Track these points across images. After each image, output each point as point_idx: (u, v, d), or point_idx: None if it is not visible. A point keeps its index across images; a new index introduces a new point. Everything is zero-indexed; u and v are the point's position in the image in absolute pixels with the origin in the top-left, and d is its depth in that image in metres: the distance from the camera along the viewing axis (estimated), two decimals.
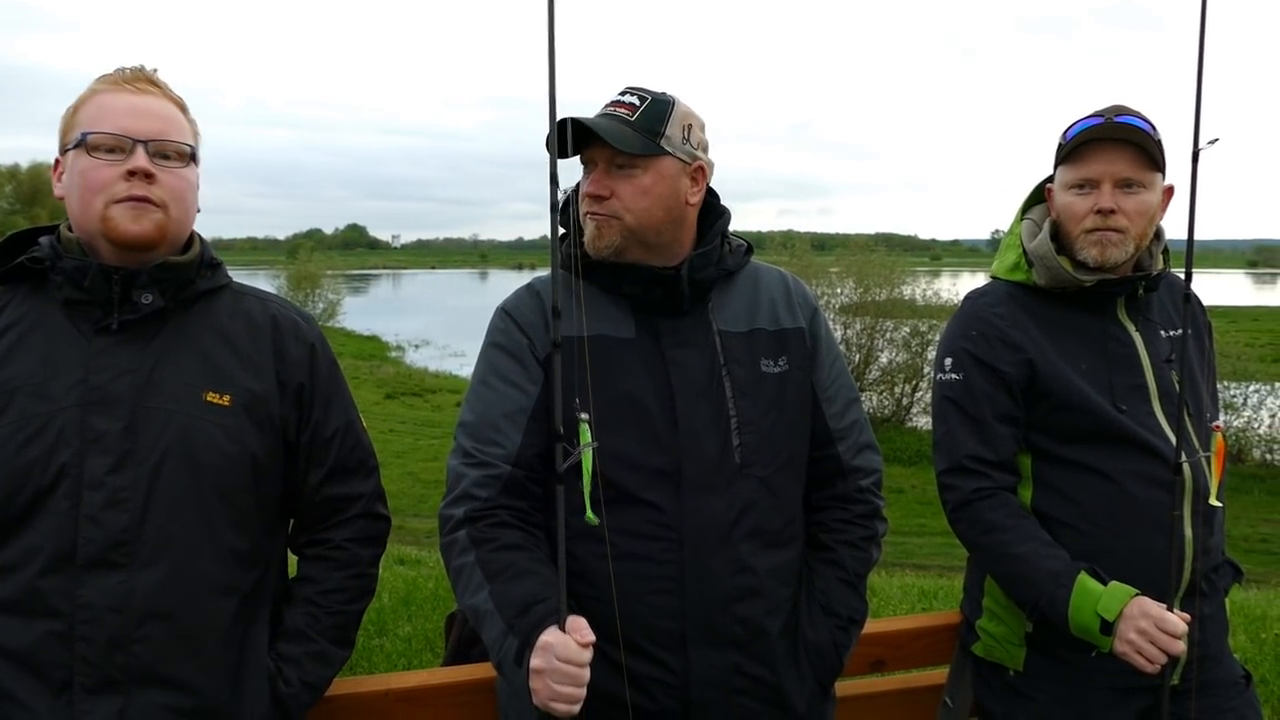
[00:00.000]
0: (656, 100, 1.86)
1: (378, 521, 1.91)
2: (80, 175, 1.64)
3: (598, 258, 1.86)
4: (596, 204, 1.84)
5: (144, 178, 1.65)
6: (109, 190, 1.64)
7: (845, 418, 1.99)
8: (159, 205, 1.67)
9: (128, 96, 1.68)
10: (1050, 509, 2.10)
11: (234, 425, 1.71)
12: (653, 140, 1.82)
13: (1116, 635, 1.90)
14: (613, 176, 1.84)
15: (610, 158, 1.83)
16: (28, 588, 1.58)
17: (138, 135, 1.66)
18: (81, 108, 1.68)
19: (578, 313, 1.85)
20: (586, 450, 1.61)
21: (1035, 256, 2.13)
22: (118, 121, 1.65)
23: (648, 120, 1.83)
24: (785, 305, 1.97)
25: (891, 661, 2.39)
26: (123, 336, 1.67)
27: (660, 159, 1.84)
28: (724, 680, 1.81)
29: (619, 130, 1.81)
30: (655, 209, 1.84)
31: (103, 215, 1.64)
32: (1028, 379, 2.10)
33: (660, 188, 1.84)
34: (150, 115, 1.68)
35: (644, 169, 1.83)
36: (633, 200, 1.83)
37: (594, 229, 1.85)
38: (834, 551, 1.95)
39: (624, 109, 1.85)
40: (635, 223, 1.84)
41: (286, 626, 1.80)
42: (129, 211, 1.64)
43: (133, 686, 1.61)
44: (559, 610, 1.60)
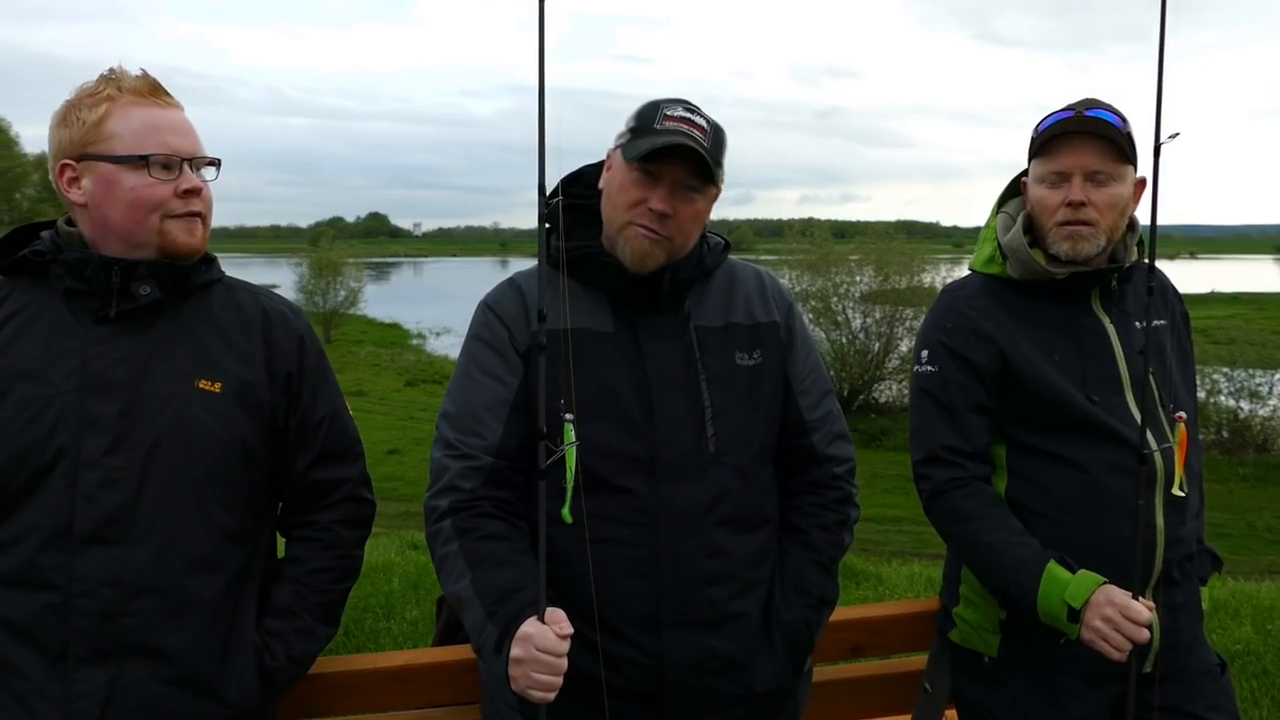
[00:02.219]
0: (717, 128, 1.91)
1: (363, 505, 1.98)
2: (131, 192, 1.72)
3: (635, 270, 1.90)
4: (659, 221, 1.86)
5: (194, 194, 1.77)
6: (165, 207, 1.74)
7: (819, 409, 2.05)
8: (202, 217, 1.79)
9: (160, 111, 1.77)
10: (1023, 498, 2.14)
11: (224, 411, 1.78)
12: (718, 170, 1.90)
13: (1083, 623, 1.94)
14: (677, 198, 1.88)
15: (682, 178, 1.87)
16: (26, 562, 1.67)
17: (183, 153, 1.76)
18: (111, 119, 1.73)
19: (563, 309, 1.91)
20: (570, 449, 1.67)
21: (1008, 250, 2.17)
22: (166, 140, 1.75)
23: (715, 149, 1.89)
24: (760, 300, 2.03)
25: (871, 647, 2.44)
26: (120, 326, 1.75)
27: (713, 187, 1.92)
28: (698, 662, 1.87)
29: (711, 166, 1.87)
30: (696, 231, 1.94)
31: (159, 229, 1.74)
32: (1000, 370, 2.14)
33: (707, 214, 1.95)
34: (186, 131, 1.79)
35: (703, 195, 1.91)
36: (689, 224, 1.91)
37: (647, 248, 1.87)
38: (807, 534, 2.00)
39: (699, 131, 1.87)
40: (681, 245, 1.92)
41: (274, 603, 1.87)
42: (184, 225, 1.76)
43: (124, 657, 1.69)
44: (538, 600, 1.67)
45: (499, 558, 1.79)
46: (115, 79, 1.75)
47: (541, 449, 1.67)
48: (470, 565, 1.79)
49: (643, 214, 1.87)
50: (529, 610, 1.67)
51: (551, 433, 1.69)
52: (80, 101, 1.74)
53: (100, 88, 1.74)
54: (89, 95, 1.74)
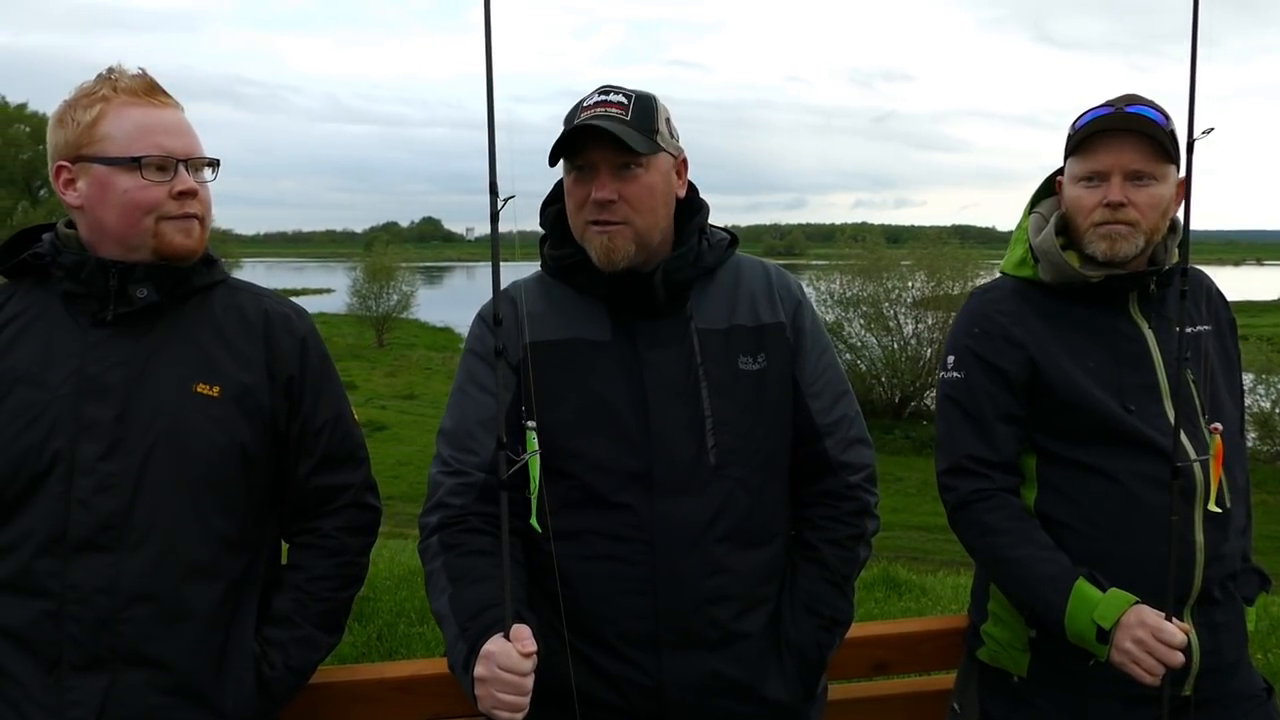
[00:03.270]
0: (641, 96, 1.84)
1: (367, 511, 1.94)
2: (125, 194, 1.70)
3: (612, 271, 1.82)
4: (604, 210, 1.79)
5: (190, 196, 1.73)
6: (160, 209, 1.71)
7: (833, 412, 1.96)
8: (199, 219, 1.76)
9: (154, 112, 1.73)
10: (1053, 511, 2.05)
11: (223, 416, 1.75)
12: (651, 138, 1.81)
13: (1113, 644, 1.85)
14: (618, 179, 1.80)
15: (612, 160, 1.79)
16: (22, 569, 1.65)
17: (178, 154, 1.73)
18: (105, 120, 1.70)
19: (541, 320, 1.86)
20: (533, 458, 1.62)
21: (1040, 252, 2.08)
22: (160, 141, 1.71)
23: (642, 118, 1.81)
24: (765, 299, 1.94)
25: (896, 664, 2.36)
26: (118, 329, 1.73)
27: (658, 156, 1.83)
28: (700, 683, 1.80)
29: (628, 132, 1.78)
30: (659, 208, 1.84)
31: (154, 231, 1.71)
32: (1030, 377, 2.05)
33: (662, 185, 1.84)
34: (181, 132, 1.75)
35: (646, 168, 1.81)
36: (640, 201, 1.81)
37: (605, 242, 1.80)
38: (818, 550, 1.92)
39: (615, 108, 1.81)
40: (644, 225, 1.82)
41: (274, 611, 1.84)
42: (180, 227, 1.73)
43: (119, 665, 1.66)
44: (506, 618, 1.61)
45: (479, 574, 1.75)
46: (111, 79, 1.73)
47: (501, 459, 1.61)
48: (451, 581, 1.75)
49: (590, 209, 1.81)
50: (498, 627, 1.61)
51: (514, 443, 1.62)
52: (76, 102, 1.72)
53: (96, 88, 1.72)
54: (85, 96, 1.72)
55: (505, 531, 1.63)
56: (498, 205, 1.65)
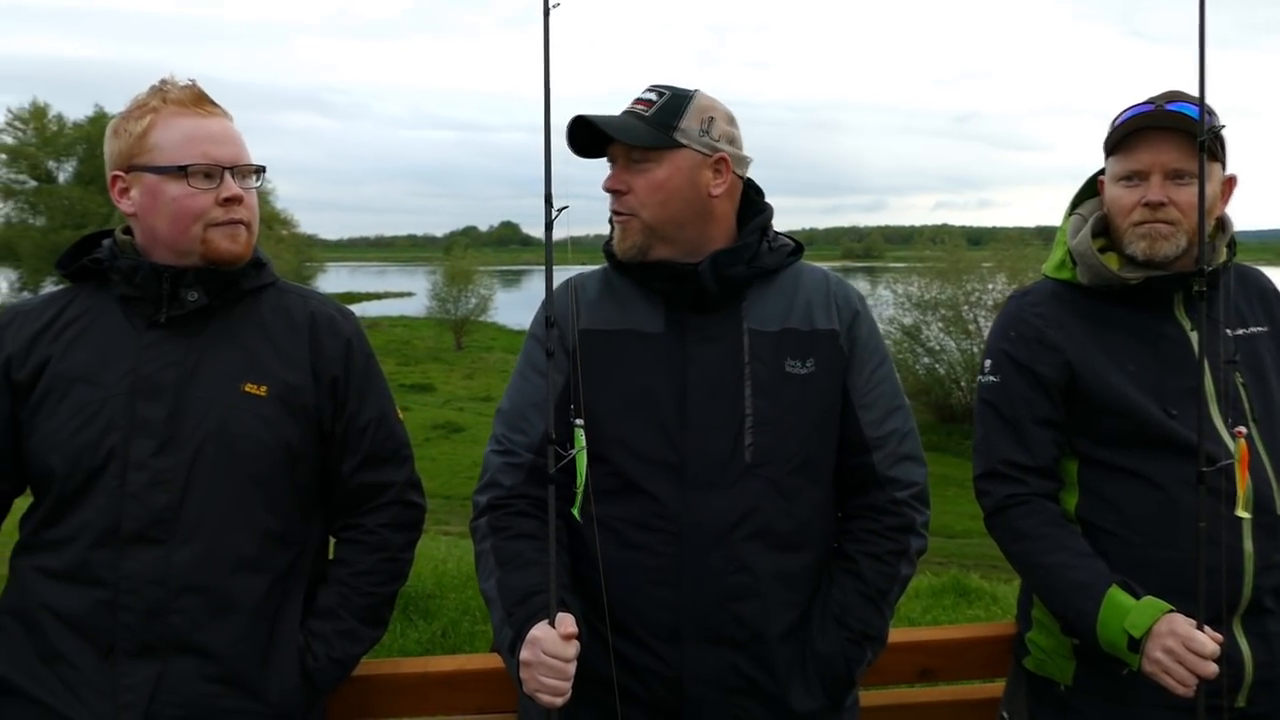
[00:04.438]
0: (675, 94, 1.88)
1: (410, 509, 1.99)
2: (174, 201, 1.77)
3: (625, 259, 1.89)
4: (616, 200, 1.88)
5: (236, 202, 1.79)
6: (207, 216, 1.78)
7: (883, 426, 1.94)
8: (246, 224, 1.82)
9: (201, 121, 1.80)
10: (1094, 516, 2.01)
11: (270, 415, 1.82)
12: (665, 133, 1.84)
13: (1144, 653, 1.81)
14: (629, 171, 1.86)
15: (627, 153, 1.86)
16: (79, 559, 1.74)
17: (224, 162, 1.79)
18: (154, 131, 1.78)
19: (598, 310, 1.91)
20: (580, 454, 1.66)
21: (1076, 254, 2.04)
22: (206, 150, 1.78)
23: (663, 114, 1.85)
24: (822, 306, 1.94)
25: (942, 671, 2.32)
26: (171, 331, 1.80)
27: (675, 152, 1.85)
28: (719, 678, 1.81)
29: (629, 125, 1.84)
30: (672, 202, 1.85)
31: (203, 238, 1.78)
32: (1067, 381, 2.01)
33: (675, 181, 1.85)
34: (228, 140, 1.81)
35: (658, 163, 1.85)
36: (647, 194, 1.85)
37: (618, 232, 1.90)
38: (855, 563, 1.90)
39: (641, 105, 1.88)
40: (652, 218, 1.86)
41: (319, 605, 1.90)
42: (227, 233, 1.80)
43: (170, 653, 1.74)
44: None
45: (526, 558, 1.79)
46: (162, 90, 1.80)
47: (550, 453, 1.67)
48: (499, 564, 1.80)
49: (611, 200, 1.88)
50: (543, 613, 1.66)
51: (562, 437, 1.67)
52: (129, 114, 1.79)
53: (147, 100, 1.80)
54: (136, 108, 1.79)
55: (552, 523, 1.67)
56: (552, 214, 1.70)
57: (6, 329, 1.83)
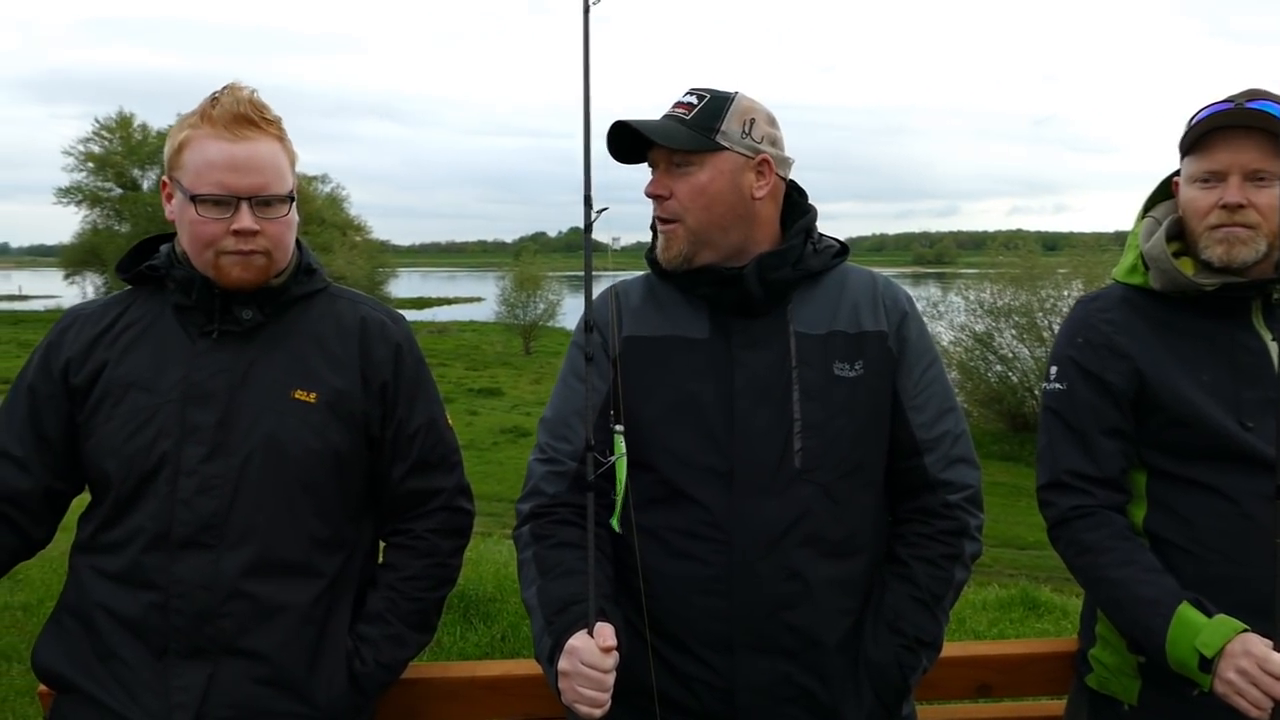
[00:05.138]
0: (715, 97, 1.85)
1: (459, 515, 1.99)
2: (190, 225, 1.77)
3: (670, 269, 1.88)
4: (658, 206, 1.86)
5: (249, 234, 1.76)
6: (218, 244, 1.76)
7: (935, 428, 1.90)
8: (263, 253, 1.79)
9: (228, 146, 1.74)
10: (1163, 531, 1.93)
11: (319, 421, 1.83)
12: (706, 136, 1.81)
13: (1216, 674, 1.73)
14: (671, 176, 1.85)
15: (668, 158, 1.84)
16: (133, 563, 1.77)
17: (241, 192, 1.74)
18: (186, 149, 1.77)
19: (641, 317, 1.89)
20: (620, 461, 1.64)
21: (1149, 258, 1.97)
22: (221, 180, 1.73)
23: (703, 117, 1.83)
24: (869, 308, 1.90)
25: (1000, 687, 2.26)
26: (223, 338, 1.83)
27: (717, 155, 1.82)
28: (771, 688, 1.78)
29: (669, 129, 1.82)
30: (715, 206, 1.83)
31: (214, 264, 1.78)
32: (1137, 390, 1.94)
33: (718, 184, 1.83)
34: (251, 169, 1.75)
35: (700, 166, 1.82)
36: (690, 199, 1.83)
37: (663, 240, 1.88)
38: (908, 567, 1.87)
39: (682, 108, 1.85)
40: (695, 223, 1.84)
41: (367, 609, 1.91)
42: (237, 261, 1.77)
43: (220, 655, 1.76)
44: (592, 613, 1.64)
45: (567, 566, 1.78)
46: (211, 106, 1.77)
47: (590, 460, 1.65)
48: (540, 573, 1.80)
49: (655, 206, 1.86)
50: (582, 623, 1.64)
51: (602, 444, 1.66)
52: (180, 122, 1.81)
53: (193, 113, 1.78)
54: (183, 119, 1.80)
55: (591, 531, 1.66)
56: (592, 216, 1.69)
57: (66, 332, 1.87)
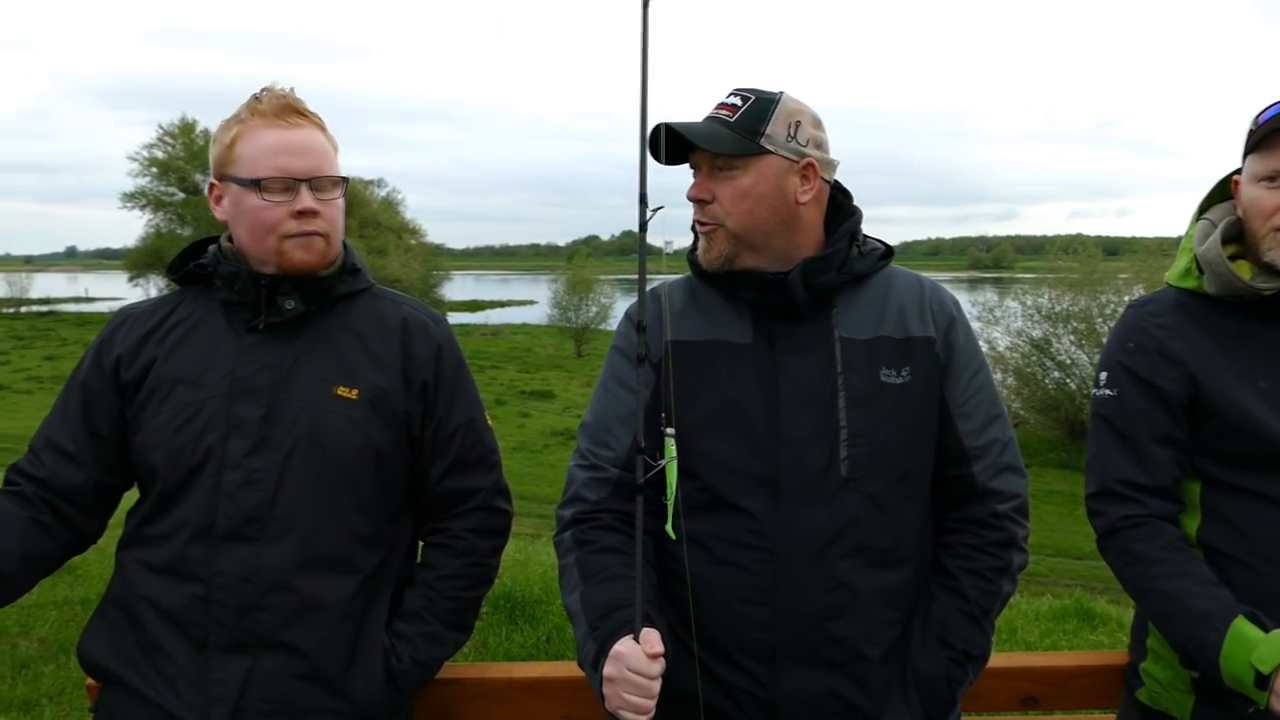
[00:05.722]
0: (760, 99, 1.82)
1: (497, 515, 1.99)
2: (252, 213, 1.81)
3: (710, 270, 1.86)
4: (700, 210, 1.84)
5: (310, 215, 1.82)
6: (281, 228, 1.81)
7: (983, 435, 1.86)
8: (322, 235, 1.84)
9: (283, 133, 1.81)
10: (1218, 542, 1.87)
11: (360, 418, 1.85)
12: (751, 140, 1.79)
13: (1272, 690, 1.67)
14: (714, 180, 1.82)
15: (711, 161, 1.82)
16: (177, 555, 1.80)
17: (300, 175, 1.81)
18: (239, 143, 1.82)
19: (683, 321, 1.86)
20: (671, 464, 1.63)
21: (1204, 262, 1.91)
22: (281, 163, 1.80)
23: (748, 120, 1.80)
24: (916, 312, 1.87)
25: (1046, 700, 2.21)
26: (268, 335, 1.85)
27: (761, 159, 1.79)
28: (815, 702, 1.75)
29: (713, 132, 1.79)
30: (758, 210, 1.80)
31: (277, 249, 1.82)
32: (1190, 397, 1.88)
33: (762, 188, 1.80)
34: (306, 152, 1.82)
35: (744, 170, 1.80)
36: (732, 203, 1.80)
37: (704, 243, 1.86)
38: (957, 580, 1.83)
39: (725, 110, 1.82)
40: (738, 226, 1.81)
41: (405, 607, 1.92)
42: (300, 244, 1.82)
43: (259, 649, 1.78)
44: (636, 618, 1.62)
45: (610, 572, 1.76)
46: (255, 102, 1.84)
47: (639, 463, 1.63)
48: (583, 578, 1.78)
49: (695, 210, 1.83)
50: (627, 628, 1.62)
51: (653, 447, 1.64)
52: (224, 124, 1.85)
53: (240, 110, 1.85)
54: (230, 118, 1.85)
55: (639, 534, 1.65)
56: (646, 215, 1.68)
57: (118, 330, 1.92)
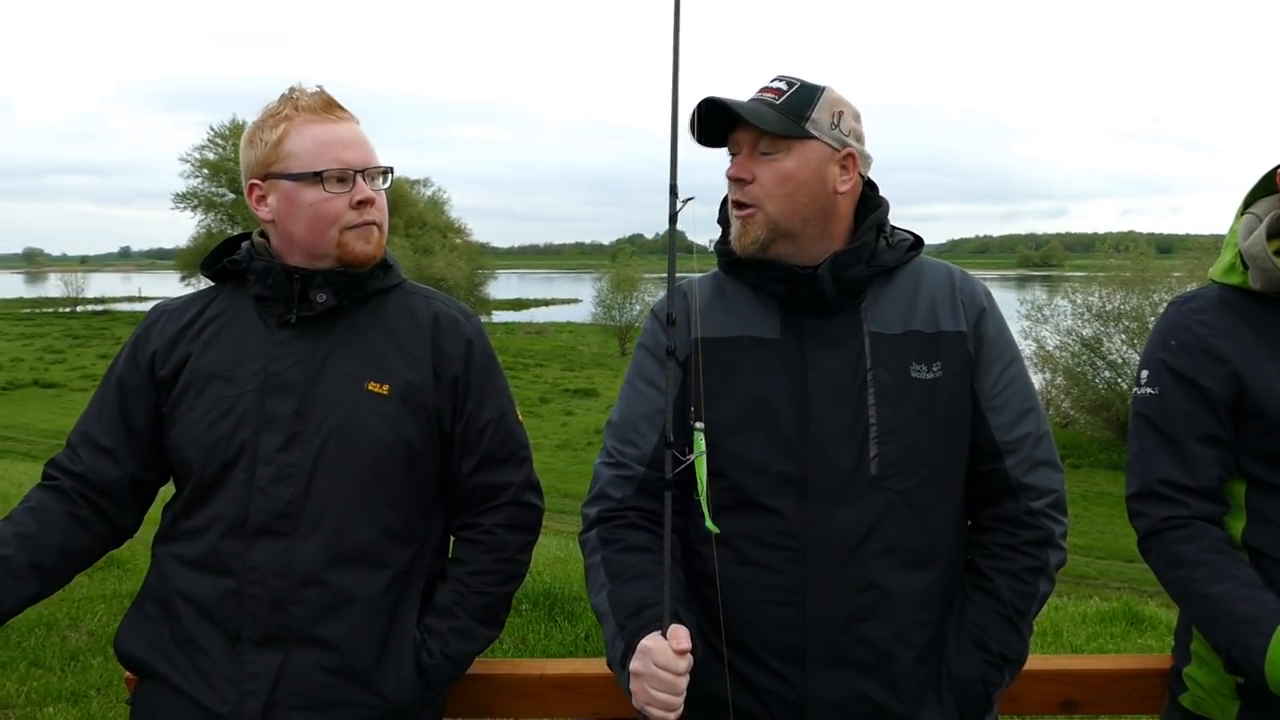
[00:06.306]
0: (805, 86, 1.80)
1: (527, 510, 1.99)
2: (311, 207, 1.82)
3: (744, 255, 1.82)
4: (738, 189, 1.80)
5: (368, 204, 1.84)
6: (342, 219, 1.83)
7: (1016, 429, 1.82)
8: (378, 225, 1.87)
9: (332, 127, 1.85)
10: (1264, 544, 1.83)
11: (391, 413, 1.85)
12: (796, 123, 1.76)
13: None
14: (755, 161, 1.79)
15: (754, 141, 1.78)
16: (211, 549, 1.82)
17: (356, 165, 1.84)
18: (287, 139, 1.83)
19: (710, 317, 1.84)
20: (700, 459, 1.61)
21: (1248, 257, 1.86)
22: (339, 155, 1.83)
23: (794, 104, 1.77)
24: (947, 305, 1.83)
25: (1087, 704, 2.16)
26: (300, 330, 1.87)
27: (805, 143, 1.77)
28: (845, 704, 1.73)
29: (759, 110, 1.76)
30: (798, 195, 1.77)
31: (338, 241, 1.84)
32: (1235, 395, 1.83)
33: (804, 173, 1.77)
34: (357, 144, 1.86)
35: (787, 153, 1.77)
36: (774, 185, 1.77)
37: (739, 226, 1.82)
38: (991, 581, 1.80)
39: (770, 93, 1.80)
40: (777, 211, 1.78)
41: (436, 602, 1.92)
42: (361, 234, 1.85)
43: (291, 644, 1.79)
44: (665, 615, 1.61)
45: (638, 570, 1.75)
46: (293, 99, 1.85)
47: (668, 458, 1.61)
48: (610, 577, 1.77)
49: (731, 189, 1.80)
50: (655, 625, 1.61)
51: (682, 441, 1.63)
52: (263, 123, 1.86)
53: (279, 108, 1.85)
54: (270, 116, 1.85)
55: (668, 530, 1.64)
56: (676, 206, 1.67)
57: (153, 327, 1.94)
